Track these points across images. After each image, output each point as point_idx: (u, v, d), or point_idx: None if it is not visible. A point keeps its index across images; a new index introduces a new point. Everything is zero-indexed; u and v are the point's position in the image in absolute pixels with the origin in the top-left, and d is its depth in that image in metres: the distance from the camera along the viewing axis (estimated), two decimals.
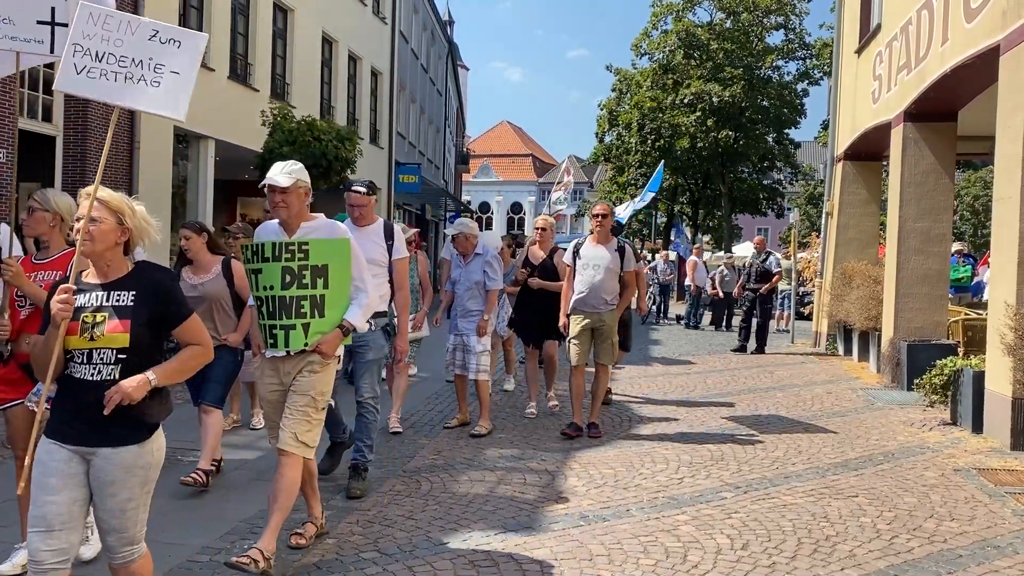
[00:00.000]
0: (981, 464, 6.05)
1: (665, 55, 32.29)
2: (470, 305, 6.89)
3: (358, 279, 4.17)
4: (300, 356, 4.01)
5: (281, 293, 3.93)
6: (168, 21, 13.84)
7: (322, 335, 3.99)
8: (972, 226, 39.24)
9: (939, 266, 9.89)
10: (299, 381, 4.01)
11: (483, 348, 6.86)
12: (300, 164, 4.15)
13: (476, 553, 4.20)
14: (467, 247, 6.91)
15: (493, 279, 6.85)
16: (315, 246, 3.97)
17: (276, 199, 4.01)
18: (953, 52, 8.34)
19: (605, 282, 6.83)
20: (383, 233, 5.27)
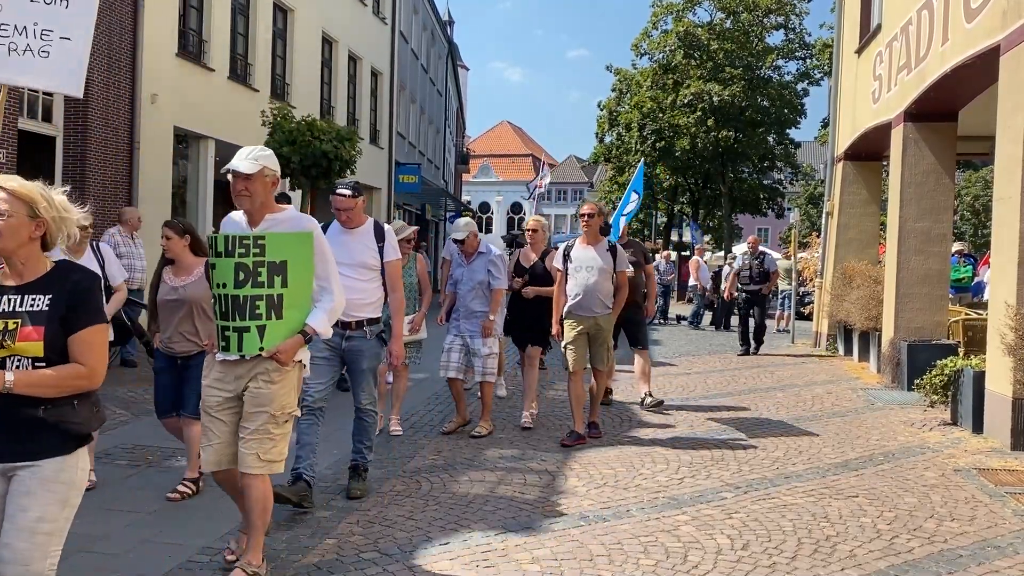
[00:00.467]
0: (981, 464, 6.05)
1: (665, 55, 32.31)
2: (474, 305, 6.75)
3: (324, 279, 3.83)
4: (254, 361, 3.70)
5: (234, 292, 3.60)
6: (168, 20, 13.98)
7: (279, 340, 3.67)
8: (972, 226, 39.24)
9: (939, 266, 9.89)
10: (254, 393, 3.68)
11: (489, 351, 6.73)
12: (270, 151, 3.81)
13: (476, 553, 4.19)
14: (472, 246, 6.82)
15: (498, 278, 6.75)
16: (272, 240, 3.62)
17: (238, 187, 3.66)
18: (953, 52, 8.34)
19: (600, 284, 6.63)
20: (374, 235, 5.05)
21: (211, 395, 3.78)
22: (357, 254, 4.93)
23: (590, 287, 6.58)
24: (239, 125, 15.45)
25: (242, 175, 3.65)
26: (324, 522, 4.61)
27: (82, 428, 2.56)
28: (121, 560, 4.01)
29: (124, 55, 12.62)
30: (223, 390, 3.74)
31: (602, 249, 6.72)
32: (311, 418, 4.84)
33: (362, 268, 4.93)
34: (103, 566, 3.93)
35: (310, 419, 4.83)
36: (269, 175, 3.71)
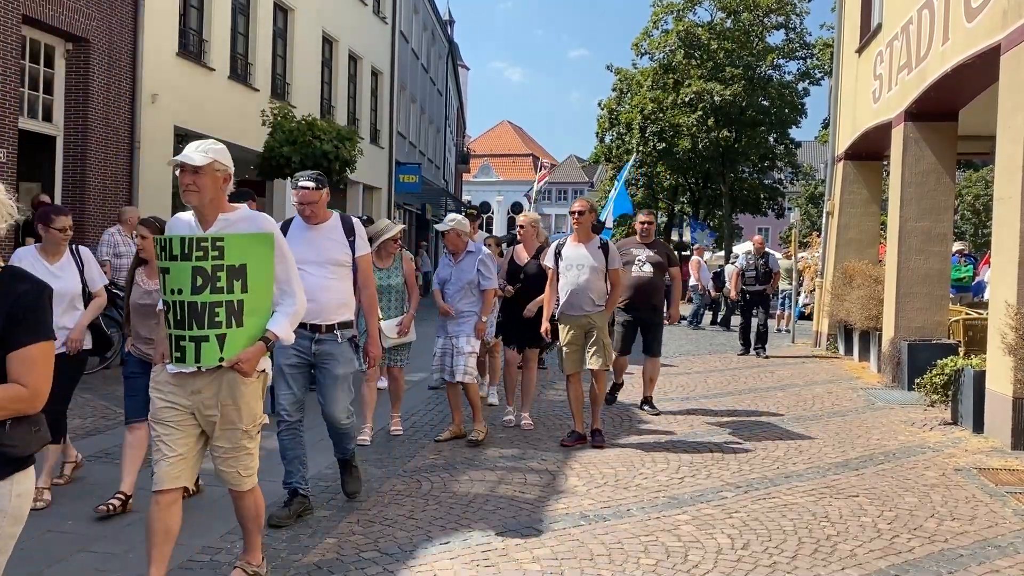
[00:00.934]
0: (982, 464, 6.05)
1: (665, 55, 32.32)
2: (461, 306, 6.49)
3: (285, 281, 3.54)
4: (213, 374, 3.40)
5: (192, 298, 3.31)
6: (168, 20, 14.00)
7: (240, 349, 3.38)
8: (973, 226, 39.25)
9: (940, 266, 9.89)
10: (219, 412, 3.42)
11: (471, 349, 6.44)
12: (223, 147, 3.51)
13: (477, 553, 4.19)
14: (458, 245, 6.52)
15: (488, 278, 6.50)
16: (231, 242, 3.34)
17: (185, 180, 3.36)
18: (954, 52, 8.34)
19: (591, 283, 6.47)
20: (342, 229, 4.71)
21: (163, 406, 3.44)
22: (326, 251, 4.61)
23: (580, 286, 6.46)
24: (239, 125, 15.46)
25: (190, 168, 3.36)
26: (324, 521, 4.62)
27: (16, 451, 2.22)
28: (121, 560, 4.00)
29: (124, 55, 12.63)
30: (176, 404, 3.43)
31: (593, 247, 6.56)
32: (291, 432, 4.64)
33: (332, 265, 4.62)
34: (103, 566, 3.93)
35: (291, 433, 4.64)
36: (220, 170, 3.42)
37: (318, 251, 4.59)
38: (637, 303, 7.72)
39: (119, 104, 12.53)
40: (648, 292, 7.79)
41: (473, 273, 6.46)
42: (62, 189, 11.77)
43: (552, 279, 6.66)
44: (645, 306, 7.79)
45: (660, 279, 7.89)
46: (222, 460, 3.50)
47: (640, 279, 7.73)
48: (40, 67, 11.47)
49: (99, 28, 11.99)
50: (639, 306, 7.76)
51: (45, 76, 11.54)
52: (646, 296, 7.78)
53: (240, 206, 3.54)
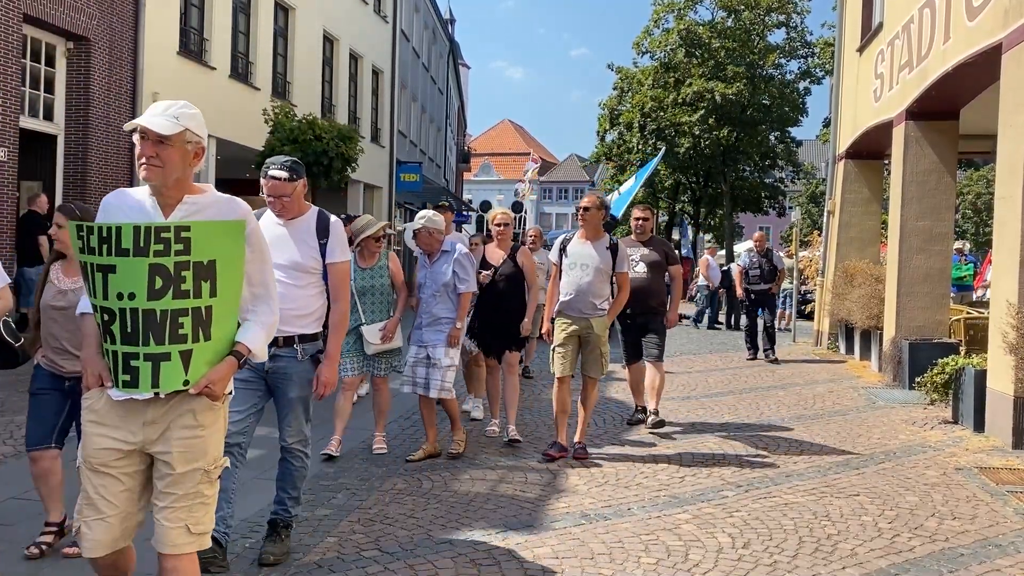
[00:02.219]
0: (982, 463, 6.05)
1: (666, 53, 32.30)
2: (437, 311, 5.89)
3: (260, 283, 2.87)
4: (172, 401, 2.70)
5: (149, 305, 2.57)
6: (169, 19, 14.01)
7: (208, 367, 2.69)
8: (974, 224, 39.24)
9: (941, 265, 9.88)
10: (179, 446, 2.69)
11: (451, 362, 5.88)
12: (197, 111, 2.79)
13: (478, 551, 4.19)
14: (431, 244, 5.94)
15: (465, 280, 5.91)
16: (200, 233, 2.62)
17: (147, 152, 2.65)
18: (955, 50, 8.34)
19: (594, 284, 6.04)
20: (315, 229, 4.01)
21: (105, 446, 2.69)
22: (293, 252, 3.94)
23: (583, 287, 6.05)
24: (240, 124, 15.46)
25: (153, 136, 2.65)
26: (325, 520, 4.62)
27: None
28: None
29: (125, 53, 12.64)
30: (121, 440, 2.68)
31: (601, 246, 6.12)
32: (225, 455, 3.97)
33: (297, 271, 3.94)
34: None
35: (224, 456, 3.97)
36: (192, 141, 2.72)
37: (283, 252, 3.90)
38: (632, 306, 6.83)
39: (120, 103, 12.54)
40: (643, 294, 6.99)
41: (449, 275, 5.87)
42: (63, 188, 11.78)
43: (555, 276, 6.30)
44: (641, 309, 7.03)
45: (658, 279, 7.23)
46: (170, 511, 2.68)
47: (633, 280, 6.80)
48: (41, 66, 11.47)
49: (100, 27, 12.00)
50: (635, 310, 6.97)
51: (46, 75, 11.55)
52: (641, 298, 6.93)
53: (209, 187, 2.86)
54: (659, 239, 7.64)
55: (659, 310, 7.19)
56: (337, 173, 14.45)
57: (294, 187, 3.93)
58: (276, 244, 3.78)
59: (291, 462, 4.11)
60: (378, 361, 6.14)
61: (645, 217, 7.47)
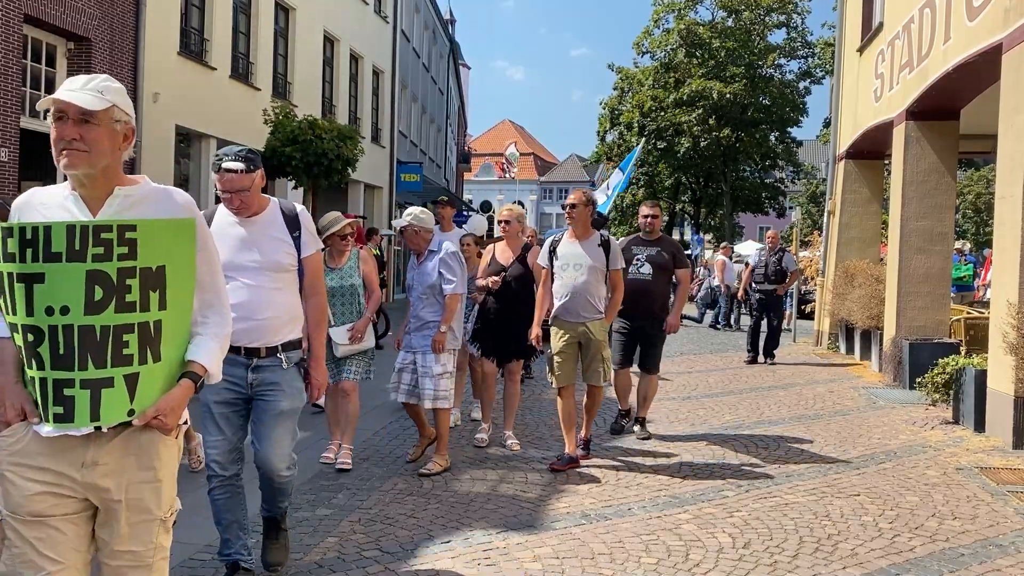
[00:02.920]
0: (983, 463, 6.05)
1: (667, 53, 32.32)
2: (425, 315, 5.59)
3: (211, 289, 2.43)
4: (118, 434, 2.25)
5: (86, 320, 2.15)
6: (170, 20, 14.02)
7: (158, 394, 2.27)
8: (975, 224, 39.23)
9: (941, 265, 9.88)
10: (131, 492, 2.26)
11: (443, 369, 5.53)
12: (120, 86, 2.34)
13: (478, 551, 4.20)
14: (418, 243, 5.63)
15: (451, 281, 5.54)
16: (147, 232, 2.22)
17: (67, 133, 2.19)
18: (955, 50, 8.34)
19: (589, 285, 5.74)
20: (284, 223, 3.60)
21: (38, 491, 2.21)
22: (264, 251, 3.52)
23: (578, 288, 5.73)
24: (241, 124, 15.47)
25: (76, 114, 2.19)
26: (326, 520, 4.62)
27: None
28: None
29: (126, 54, 12.64)
30: (55, 484, 2.22)
31: (592, 244, 5.81)
32: (227, 490, 3.60)
33: (274, 272, 3.52)
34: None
35: (226, 491, 3.60)
36: (121, 121, 2.29)
37: (255, 251, 3.52)
38: (633, 309, 6.52)
39: None
40: (645, 297, 6.60)
41: (435, 276, 5.56)
42: None
43: (546, 280, 5.95)
44: (642, 313, 6.64)
45: (662, 282, 6.77)
46: (128, 570, 2.29)
47: (636, 282, 6.56)
48: (42, 66, 11.48)
49: (101, 27, 12.00)
50: (635, 313, 6.60)
51: (47, 75, 11.55)
52: (643, 302, 6.59)
53: (142, 177, 2.42)
54: (669, 239, 7.17)
55: (660, 316, 6.75)
56: (337, 173, 14.46)
57: (252, 179, 3.48)
58: (240, 246, 3.51)
59: (275, 482, 3.63)
60: (345, 364, 5.76)
61: (654, 215, 6.90)
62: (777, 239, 12.32)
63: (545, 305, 5.92)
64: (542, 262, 5.98)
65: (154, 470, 2.29)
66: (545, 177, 69.26)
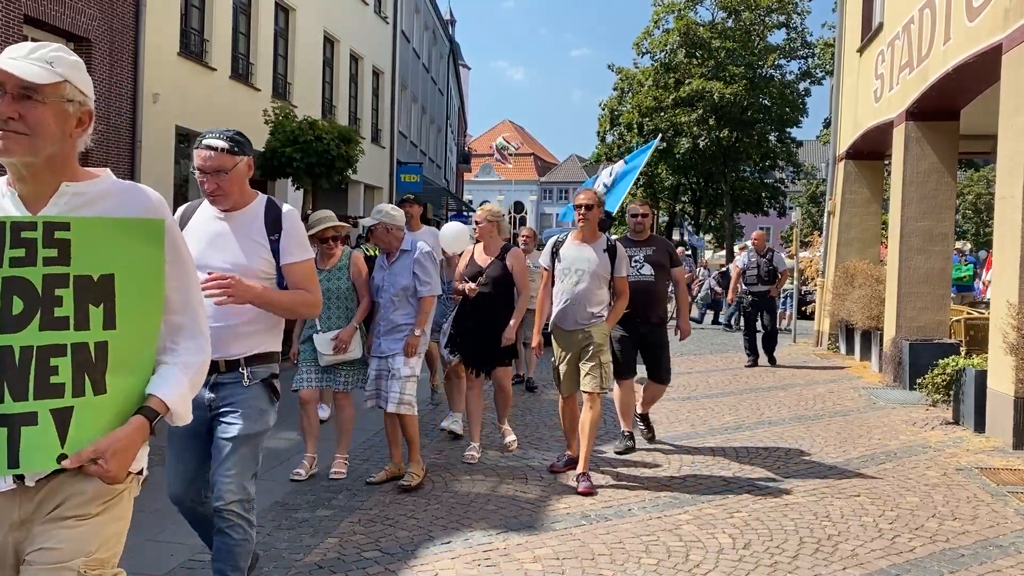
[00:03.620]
0: (983, 463, 6.05)
1: (667, 54, 32.33)
2: (396, 318, 5.32)
3: (183, 308, 2.03)
4: (48, 486, 1.85)
5: (3, 340, 1.77)
6: (170, 21, 14.04)
7: (99, 432, 1.82)
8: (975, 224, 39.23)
9: (941, 265, 9.89)
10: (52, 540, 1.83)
11: (410, 372, 5.26)
12: (77, 58, 1.93)
13: (478, 552, 4.20)
14: (389, 242, 5.37)
15: (426, 283, 5.31)
16: (84, 233, 1.83)
17: (4, 112, 1.79)
18: (955, 51, 8.34)
19: (590, 291, 5.43)
20: (264, 222, 3.08)
21: None
22: (235, 252, 3.03)
23: (579, 295, 5.43)
24: (241, 124, 15.34)
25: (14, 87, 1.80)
26: (326, 521, 4.62)
27: None
28: (123, 559, 3.99)
29: (126, 54, 12.64)
30: None
31: (599, 248, 5.49)
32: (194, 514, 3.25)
33: (241, 276, 2.96)
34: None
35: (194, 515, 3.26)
36: (75, 101, 1.89)
37: (223, 252, 3.04)
38: (635, 313, 6.11)
39: (121, 104, 12.55)
40: (648, 300, 6.28)
41: (408, 277, 5.31)
42: None
43: (547, 283, 5.68)
44: (645, 318, 6.30)
45: (663, 283, 6.51)
46: None
47: (638, 284, 6.15)
48: None
49: (101, 28, 12.00)
50: (638, 317, 6.21)
51: None
52: (646, 305, 6.25)
53: (103, 170, 2.00)
54: (660, 238, 6.94)
55: (663, 319, 6.53)
56: (338, 174, 14.45)
57: (233, 163, 3.02)
58: (214, 242, 3.04)
59: (229, 534, 2.99)
60: (337, 374, 5.53)
61: (644, 213, 6.64)
62: (764, 240, 12.01)
63: (546, 310, 5.70)
64: (544, 263, 5.73)
65: (88, 516, 1.85)
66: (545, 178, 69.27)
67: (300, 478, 5.39)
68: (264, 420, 3.09)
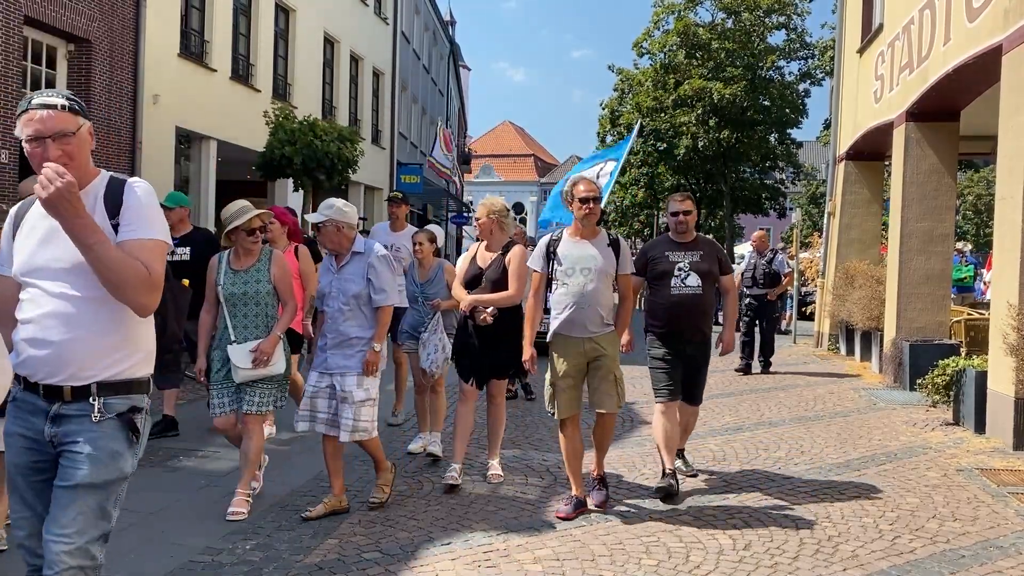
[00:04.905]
0: (984, 464, 6.04)
1: (666, 54, 32.33)
2: (348, 329, 4.64)
3: None
4: None
5: None
6: (170, 21, 14.04)
7: None
8: (975, 225, 39.23)
9: (941, 266, 9.89)
10: None
11: (366, 395, 4.63)
12: None
13: (478, 553, 4.19)
14: (340, 242, 4.70)
15: (381, 291, 4.65)
16: None
17: None
18: (955, 52, 8.34)
19: (600, 293, 4.80)
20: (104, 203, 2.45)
21: None
22: (71, 247, 2.34)
23: (587, 296, 4.76)
24: (241, 125, 15.48)
25: None
26: (326, 522, 4.62)
27: None
28: (124, 560, 4.00)
29: (126, 55, 12.64)
30: None
31: (602, 244, 4.89)
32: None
33: (86, 274, 2.35)
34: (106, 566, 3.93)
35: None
36: None
37: (58, 248, 2.41)
38: (681, 329, 5.30)
39: (121, 105, 12.55)
40: (695, 316, 5.33)
41: (361, 283, 4.65)
42: None
43: (539, 287, 4.96)
44: (692, 336, 5.37)
45: (711, 295, 5.49)
46: None
47: (683, 297, 5.28)
48: (42, 68, 11.48)
49: (101, 29, 12.01)
50: (683, 335, 5.32)
51: (47, 77, 11.55)
52: (693, 320, 5.34)
53: None
54: (708, 240, 5.73)
55: (709, 336, 5.53)
56: (338, 175, 14.45)
57: (79, 124, 2.42)
58: (48, 239, 2.42)
59: None
60: (249, 392, 4.75)
61: (686, 211, 5.45)
62: (765, 240, 11.53)
63: (538, 320, 4.97)
64: (536, 266, 4.99)
65: None
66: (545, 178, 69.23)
67: (240, 517, 4.61)
68: (117, 466, 2.44)
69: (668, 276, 5.32)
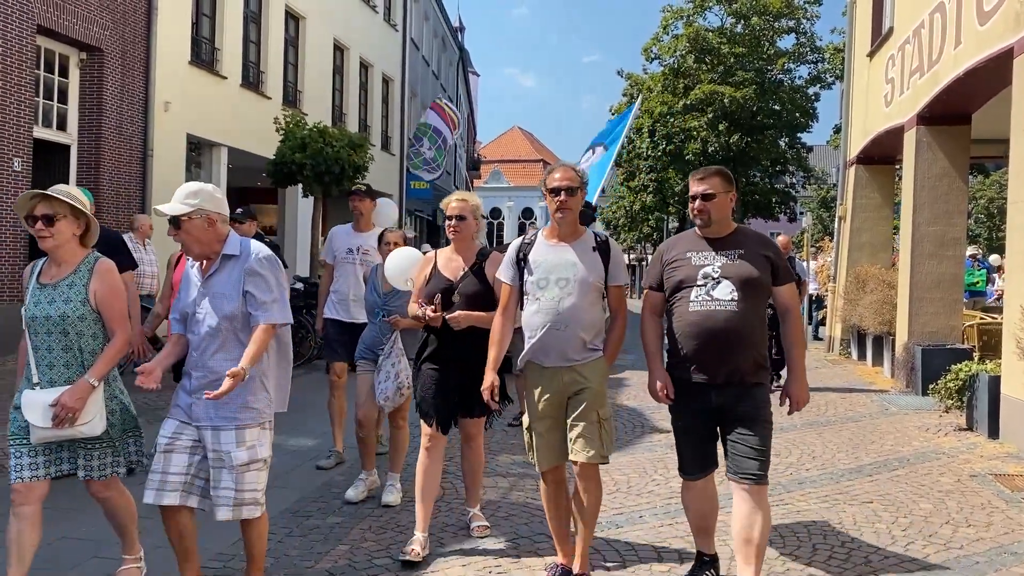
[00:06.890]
0: (997, 469, 6.00)
1: (676, 59, 32.34)
2: (217, 364, 3.32)
3: None
4: None
5: None
6: (181, 29, 14.13)
7: None
8: (987, 229, 39.01)
9: (953, 270, 9.84)
10: None
11: (250, 455, 3.31)
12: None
13: (489, 560, 4.19)
14: (210, 243, 3.40)
15: (262, 305, 3.33)
16: None
17: None
18: (966, 55, 8.31)
19: (580, 309, 3.67)
20: None
21: None
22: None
23: (564, 315, 3.65)
24: (252, 132, 15.56)
25: None
26: (336, 528, 4.62)
27: None
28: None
29: (138, 63, 12.73)
30: None
31: (585, 248, 3.78)
32: None
33: None
34: (111, 569, 3.94)
35: None
36: None
37: None
38: (704, 365, 3.60)
39: (132, 113, 12.64)
40: (728, 344, 3.55)
41: (236, 298, 3.35)
42: None
43: (506, 303, 3.90)
44: (721, 375, 3.58)
45: (755, 314, 3.62)
46: None
47: (708, 314, 3.56)
48: (55, 77, 11.58)
49: (113, 38, 12.10)
50: (708, 372, 3.59)
51: (60, 85, 11.65)
52: (722, 352, 3.56)
53: None
54: (755, 235, 3.84)
55: (755, 378, 3.63)
56: (348, 181, 14.49)
57: None
58: None
59: None
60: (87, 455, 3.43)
61: (707, 192, 3.65)
62: (788, 245, 10.73)
63: (505, 343, 3.89)
64: (504, 276, 3.89)
65: None
66: None
67: None
68: None
69: (690, 287, 3.63)
